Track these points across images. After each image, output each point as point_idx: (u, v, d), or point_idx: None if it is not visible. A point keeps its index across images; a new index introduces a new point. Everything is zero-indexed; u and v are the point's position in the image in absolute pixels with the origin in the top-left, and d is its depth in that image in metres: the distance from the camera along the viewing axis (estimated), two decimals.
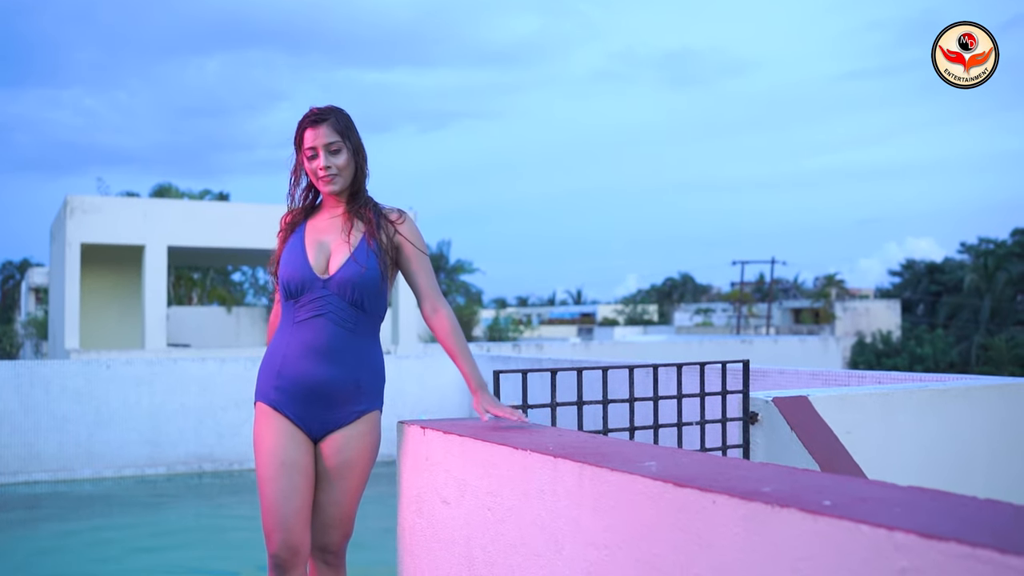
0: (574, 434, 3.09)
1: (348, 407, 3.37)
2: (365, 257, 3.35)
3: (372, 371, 3.41)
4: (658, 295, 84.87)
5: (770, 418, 4.45)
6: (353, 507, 3.47)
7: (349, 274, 3.34)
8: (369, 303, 3.37)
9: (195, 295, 43.53)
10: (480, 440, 2.98)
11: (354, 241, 3.38)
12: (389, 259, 3.40)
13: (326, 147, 3.37)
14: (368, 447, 3.43)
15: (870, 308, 55.23)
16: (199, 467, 11.55)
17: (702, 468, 2.35)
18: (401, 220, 3.45)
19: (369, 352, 3.41)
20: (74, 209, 19.50)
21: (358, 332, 3.37)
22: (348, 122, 3.45)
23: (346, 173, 3.41)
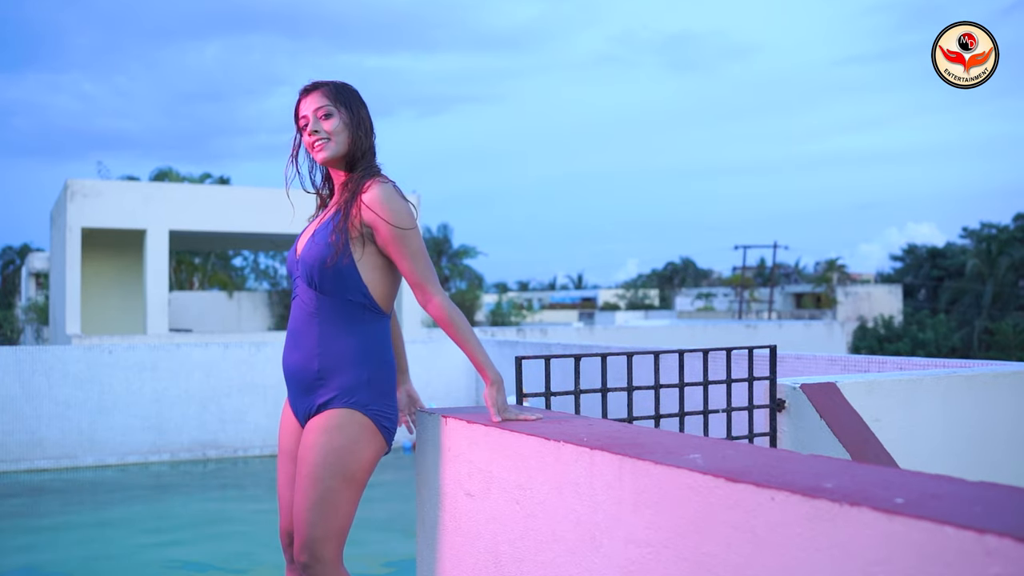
0: (605, 423, 2.96)
1: (312, 396, 3.14)
2: (324, 235, 3.14)
3: (335, 360, 3.09)
4: (659, 280, 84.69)
5: (797, 405, 4.31)
6: (303, 512, 3.05)
7: (305, 254, 3.15)
8: (328, 284, 3.10)
9: (196, 280, 43.39)
10: (507, 430, 2.84)
11: (325, 219, 3.20)
12: (360, 235, 3.09)
13: (315, 112, 3.18)
14: (318, 447, 3.04)
15: (871, 293, 55.12)
16: (203, 454, 11.43)
17: (751, 461, 2.21)
18: (368, 191, 3.10)
19: (331, 338, 3.11)
20: (74, 193, 19.34)
21: (320, 316, 3.12)
22: (346, 92, 3.24)
23: (338, 140, 3.17)
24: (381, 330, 3.20)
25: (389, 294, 3.21)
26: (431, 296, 3.10)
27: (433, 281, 3.12)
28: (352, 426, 3.07)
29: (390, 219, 3.06)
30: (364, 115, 3.26)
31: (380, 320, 3.19)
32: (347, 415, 3.07)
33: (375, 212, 3.07)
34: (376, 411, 3.11)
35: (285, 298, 33.97)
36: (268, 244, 30.62)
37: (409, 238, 3.09)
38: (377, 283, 3.16)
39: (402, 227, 3.07)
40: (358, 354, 3.12)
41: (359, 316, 3.14)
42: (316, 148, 3.19)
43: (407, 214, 3.10)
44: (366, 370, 3.11)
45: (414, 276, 3.12)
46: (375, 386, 3.12)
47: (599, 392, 3.83)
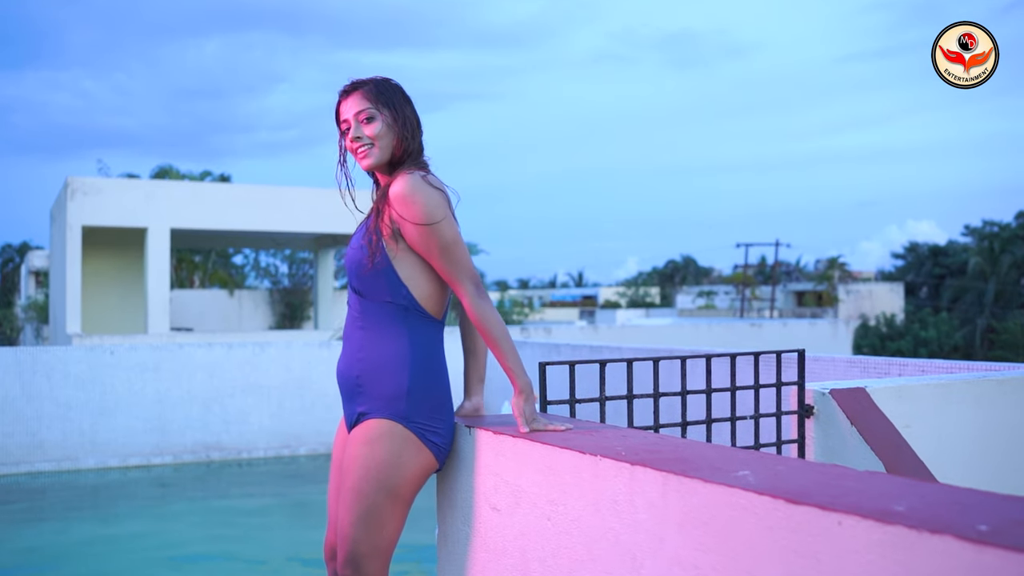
0: (639, 434, 2.81)
1: (353, 403, 3.00)
2: (358, 238, 3.01)
3: (374, 366, 2.93)
4: (660, 278, 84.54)
5: (827, 411, 4.17)
6: (347, 527, 2.90)
7: (346, 259, 3.03)
8: (367, 287, 2.95)
9: (197, 278, 43.23)
10: (538, 442, 2.70)
11: (364, 221, 3.06)
12: (393, 234, 2.92)
13: (356, 116, 3.00)
14: (361, 460, 2.90)
15: (873, 291, 54.97)
16: (206, 456, 11.28)
17: (807, 479, 2.07)
18: (392, 186, 2.93)
19: (372, 343, 2.95)
20: (75, 191, 19.20)
21: (363, 320, 2.98)
22: (387, 89, 3.04)
23: (382, 144, 2.98)
24: (428, 336, 3.01)
25: (434, 295, 3.01)
26: (462, 294, 2.92)
27: (465, 277, 2.92)
28: (394, 439, 2.91)
29: (408, 215, 2.88)
30: (409, 113, 3.07)
31: (426, 325, 3.01)
32: (387, 427, 2.91)
33: (396, 209, 2.91)
34: (420, 424, 2.93)
35: (286, 296, 33.83)
36: (269, 242, 30.50)
37: (434, 233, 2.89)
38: (419, 283, 2.97)
39: (423, 223, 2.88)
40: (398, 361, 2.95)
41: (402, 320, 2.97)
42: (360, 155, 3.02)
43: (431, 207, 2.89)
44: (406, 379, 2.93)
45: (445, 272, 2.93)
46: (418, 396, 2.93)
47: (624, 399, 3.68)
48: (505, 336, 2.93)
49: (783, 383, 4.11)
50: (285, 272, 39.38)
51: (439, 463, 3.02)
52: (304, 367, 11.81)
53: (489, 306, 2.93)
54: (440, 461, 3.02)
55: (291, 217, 21.59)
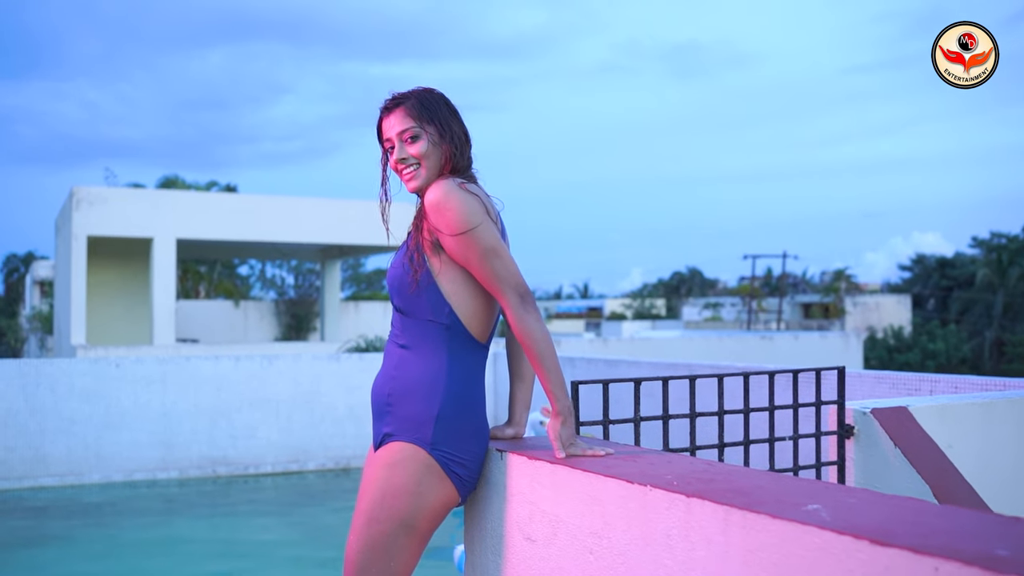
0: (685, 460, 2.62)
1: (380, 423, 2.80)
2: (399, 256, 2.83)
3: (406, 386, 2.74)
4: (665, 289, 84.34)
5: (868, 432, 3.97)
6: (353, 555, 2.71)
7: (388, 275, 2.85)
8: (406, 305, 2.77)
9: (202, 289, 43.12)
10: (578, 469, 2.51)
11: None
12: (433, 247, 2.73)
13: (400, 136, 2.79)
14: (376, 484, 2.71)
15: (880, 303, 54.81)
16: (213, 471, 11.08)
17: (887, 514, 1.89)
18: (426, 196, 2.73)
19: (407, 362, 2.76)
20: (80, 201, 19.05)
21: (402, 338, 2.80)
22: (431, 103, 2.83)
23: (429, 163, 2.78)
24: (468, 360, 2.80)
25: (478, 314, 2.81)
26: (505, 304, 2.71)
27: (509, 286, 2.70)
28: (414, 465, 2.70)
29: (442, 223, 2.68)
30: (456, 127, 2.86)
31: (468, 348, 2.80)
32: (409, 451, 2.71)
33: (431, 219, 2.72)
34: (446, 453, 2.73)
35: (292, 307, 33.72)
36: (276, 253, 30.38)
37: (470, 239, 2.68)
38: (463, 300, 2.77)
39: (457, 229, 2.67)
40: (431, 383, 2.74)
41: (442, 340, 2.77)
42: (406, 177, 2.83)
43: (465, 212, 2.68)
44: (437, 403, 2.72)
45: (486, 282, 2.72)
46: (447, 423, 2.73)
47: (660, 420, 3.49)
48: (551, 354, 2.72)
49: (823, 402, 3.93)
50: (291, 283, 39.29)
51: (461, 497, 2.81)
52: (313, 380, 11.61)
53: (535, 319, 2.70)
54: (462, 495, 2.81)
55: (298, 227, 21.44)
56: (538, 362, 2.69)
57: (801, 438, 3.87)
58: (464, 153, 2.86)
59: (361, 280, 64.46)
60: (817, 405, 3.91)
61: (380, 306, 34.62)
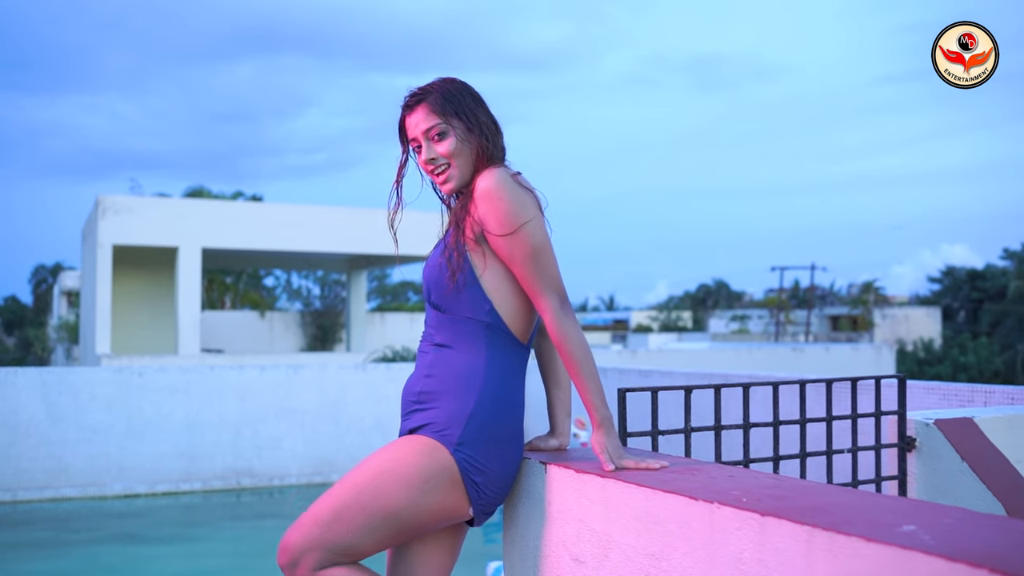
0: (749, 474, 2.38)
1: (407, 420, 2.58)
2: (436, 253, 2.62)
3: (440, 384, 2.53)
4: (692, 301, 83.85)
5: (931, 444, 3.71)
6: (316, 511, 2.47)
7: (424, 273, 2.63)
8: (443, 302, 2.56)
9: (228, 299, 43.09)
10: (632, 484, 2.27)
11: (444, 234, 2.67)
12: (471, 243, 2.53)
13: (426, 134, 2.59)
14: (379, 456, 2.48)
15: (909, 315, 54.28)
16: (237, 482, 10.88)
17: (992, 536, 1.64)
18: (478, 182, 2.54)
19: (443, 360, 2.55)
20: (106, 210, 18.96)
21: (438, 336, 2.59)
22: (455, 95, 2.62)
23: (460, 161, 2.58)
24: (508, 360, 2.57)
25: (521, 313, 2.59)
26: (544, 308, 2.49)
27: (550, 289, 2.50)
28: (429, 460, 2.45)
29: (492, 214, 2.48)
30: (483, 116, 2.64)
31: (510, 348, 2.58)
32: (429, 445, 2.47)
33: (479, 208, 2.50)
34: (469, 457, 2.48)
35: (317, 318, 33.63)
36: (302, 263, 30.26)
37: (520, 235, 2.48)
38: (506, 298, 2.55)
39: (507, 222, 2.47)
40: (468, 380, 2.52)
41: (482, 338, 2.55)
42: (439, 179, 2.61)
43: (518, 205, 2.49)
44: (471, 403, 2.49)
45: (527, 282, 2.51)
46: (480, 424, 2.49)
47: (712, 430, 3.25)
48: (589, 361, 2.49)
49: (882, 412, 3.67)
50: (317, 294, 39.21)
51: (472, 511, 2.53)
52: (338, 391, 11.40)
53: (574, 325, 2.49)
54: (475, 508, 2.53)
55: (323, 237, 21.29)
56: (577, 370, 2.48)
57: (860, 450, 3.62)
58: (496, 143, 2.64)
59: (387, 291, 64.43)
60: (877, 416, 3.66)
61: (406, 317, 34.47)
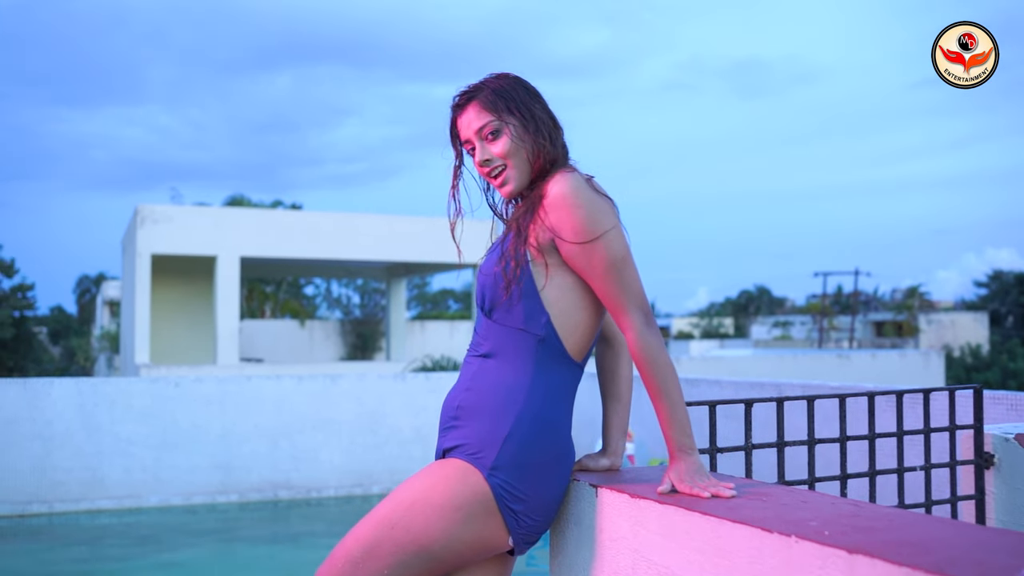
0: (826, 500, 2.13)
1: (443, 438, 2.37)
2: (490, 263, 2.39)
3: (479, 399, 2.31)
4: (733, 308, 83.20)
5: (1010, 460, 3.43)
6: (347, 548, 2.26)
7: (479, 278, 2.42)
8: (494, 309, 2.35)
9: (268, 308, 43.16)
10: (697, 512, 2.02)
11: (500, 239, 2.44)
12: (540, 248, 2.31)
13: (478, 133, 2.39)
14: (410, 485, 2.29)
15: (956, 321, 53.50)
16: (274, 494, 10.70)
17: None
18: (549, 188, 2.31)
19: (487, 372, 2.34)
20: (144, 219, 18.93)
21: (485, 346, 2.37)
22: (508, 90, 2.40)
23: (517, 161, 2.37)
24: (557, 380, 2.35)
25: (579, 329, 2.36)
26: (628, 324, 2.27)
27: (633, 303, 2.27)
28: (462, 486, 2.24)
29: (568, 223, 2.26)
30: (539, 111, 2.42)
31: (561, 366, 2.35)
32: (462, 470, 2.26)
33: (551, 216, 2.28)
34: (504, 483, 2.26)
35: (358, 327, 33.56)
36: (341, 271, 30.19)
37: (600, 246, 2.26)
38: (565, 311, 2.34)
39: (586, 232, 2.25)
40: (507, 397, 2.30)
41: (530, 352, 2.32)
42: (497, 182, 2.42)
43: (597, 214, 2.27)
44: (508, 424, 2.27)
45: (608, 296, 2.28)
46: (517, 447, 2.27)
47: (774, 447, 2.99)
48: (674, 385, 2.27)
49: (957, 426, 3.40)
50: (357, 302, 39.16)
51: (511, 541, 2.31)
52: (377, 401, 11.20)
53: (660, 345, 2.26)
54: (514, 538, 2.31)
55: (363, 245, 21.16)
56: (661, 393, 2.25)
57: (934, 468, 3.34)
58: (555, 141, 2.42)
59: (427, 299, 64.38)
60: (951, 430, 3.38)
61: (446, 326, 34.30)
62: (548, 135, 2.39)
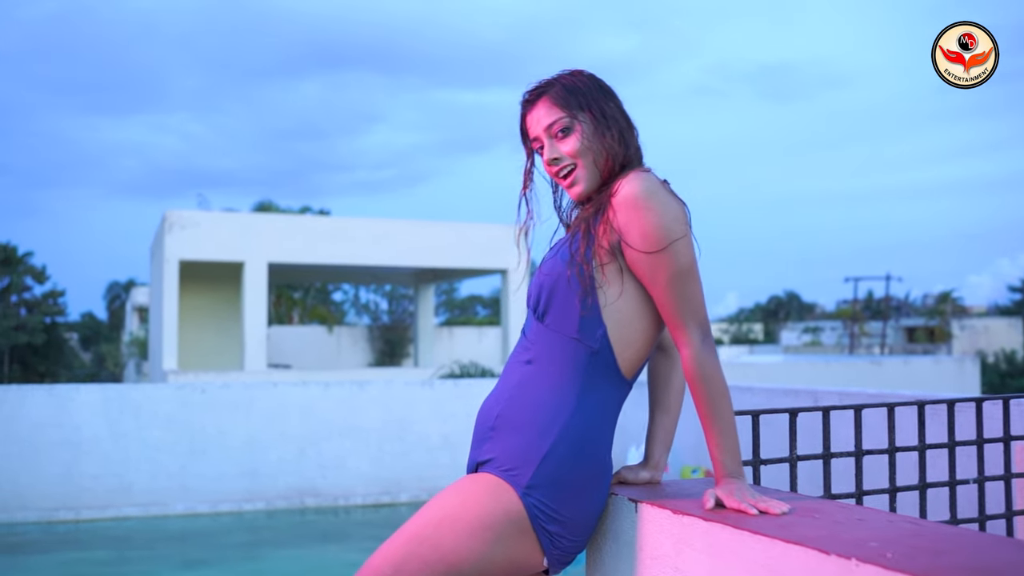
0: (882, 517, 1.99)
1: (478, 449, 2.22)
2: (556, 262, 2.24)
3: (520, 410, 2.16)
4: (762, 313, 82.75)
5: None
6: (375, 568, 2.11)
7: (539, 279, 2.26)
8: (549, 313, 2.20)
9: (296, 314, 43.21)
10: (746, 530, 1.88)
11: (563, 241, 2.30)
12: (604, 255, 2.17)
13: (548, 130, 2.26)
14: (440, 503, 2.14)
15: (989, 326, 53.06)
16: (301, 502, 10.61)
17: None
18: (621, 187, 2.17)
19: (528, 382, 2.19)
20: (172, 225, 18.93)
21: (533, 350, 2.22)
22: (581, 87, 2.27)
23: (587, 161, 2.24)
24: (604, 398, 2.21)
25: (635, 344, 2.22)
26: (685, 340, 2.14)
27: (693, 319, 2.15)
28: (494, 505, 2.10)
29: (630, 231, 2.14)
30: (613, 110, 2.29)
31: (610, 383, 2.21)
32: (495, 487, 2.11)
33: (621, 217, 2.15)
34: (540, 503, 2.12)
35: (386, 333, 33.52)
36: (369, 277, 30.17)
37: (668, 254, 2.13)
38: (623, 323, 2.20)
39: (650, 246, 2.12)
40: (551, 413, 2.15)
41: (580, 365, 2.18)
42: (566, 182, 2.29)
43: (669, 219, 2.14)
44: (549, 441, 2.13)
45: (668, 308, 2.15)
46: (555, 466, 2.12)
47: (819, 458, 2.85)
48: (728, 406, 2.14)
49: (1011, 436, 3.24)
50: (384, 308, 39.16)
51: (546, 563, 2.17)
52: (404, 408, 11.10)
53: (716, 364, 2.13)
54: (549, 559, 2.17)
55: (391, 251, 21.06)
56: (713, 416, 2.12)
57: (987, 481, 3.19)
58: (629, 143, 2.29)
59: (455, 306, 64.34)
60: (1006, 440, 3.23)
61: (474, 331, 34.21)
62: (620, 135, 2.27)
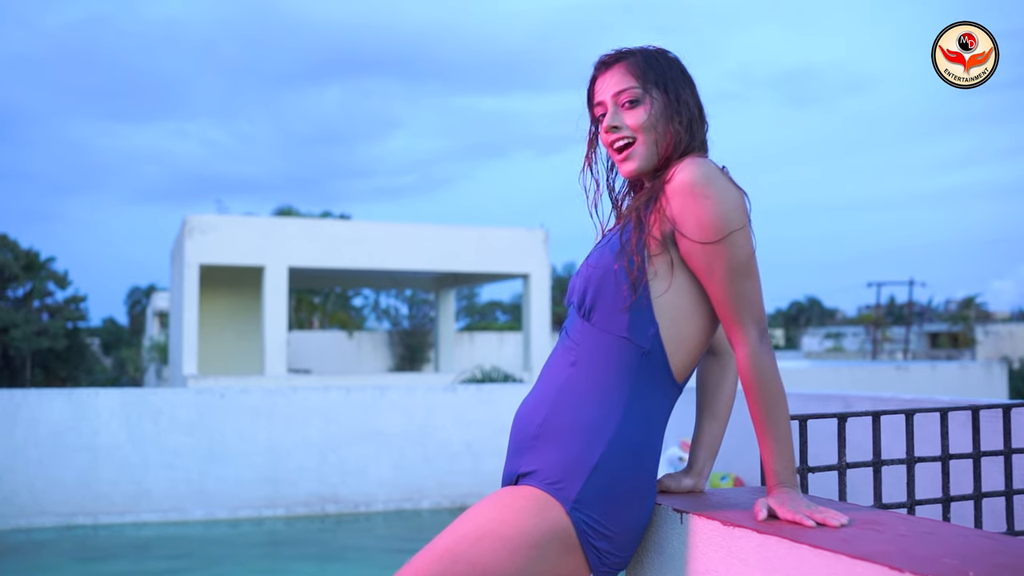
0: (953, 531, 1.84)
1: (519, 459, 2.05)
2: (605, 254, 2.08)
3: (565, 416, 2.00)
4: (784, 319, 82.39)
5: None
6: (406, 571, 1.93)
7: (585, 271, 2.10)
8: (596, 310, 2.04)
9: (316, 319, 43.19)
10: (805, 544, 1.73)
11: (612, 232, 2.15)
12: (656, 246, 2.01)
13: (615, 97, 2.11)
14: (478, 517, 1.96)
15: (1014, 332, 52.59)
16: (321, 509, 10.49)
17: None
18: (671, 180, 2.02)
19: (573, 387, 2.03)
20: (192, 229, 18.87)
21: (576, 353, 2.06)
22: (661, 65, 2.13)
23: (649, 139, 2.08)
24: (655, 402, 2.05)
25: (688, 343, 2.07)
26: (740, 339, 1.98)
27: (750, 316, 1.98)
28: (539, 520, 1.93)
29: (686, 220, 1.98)
30: (687, 98, 2.14)
31: (661, 385, 2.05)
32: (540, 501, 1.95)
33: (675, 204, 1.99)
34: (589, 518, 1.96)
35: (406, 338, 33.44)
36: (389, 282, 30.07)
37: (726, 245, 1.97)
38: (676, 321, 2.04)
39: (708, 237, 1.96)
40: (599, 420, 1.99)
41: (630, 367, 2.02)
42: (620, 155, 2.12)
43: (729, 207, 1.98)
44: (598, 452, 1.97)
45: (724, 303, 1.99)
46: (605, 479, 1.97)
47: (870, 466, 2.69)
48: (784, 411, 1.97)
49: None
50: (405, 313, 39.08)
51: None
52: (426, 413, 10.97)
53: (773, 365, 1.97)
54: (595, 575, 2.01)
55: (411, 255, 20.95)
56: (768, 421, 1.96)
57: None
58: (696, 134, 2.14)
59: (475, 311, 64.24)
60: None
61: (495, 337, 34.09)
62: (689, 124, 2.12)
